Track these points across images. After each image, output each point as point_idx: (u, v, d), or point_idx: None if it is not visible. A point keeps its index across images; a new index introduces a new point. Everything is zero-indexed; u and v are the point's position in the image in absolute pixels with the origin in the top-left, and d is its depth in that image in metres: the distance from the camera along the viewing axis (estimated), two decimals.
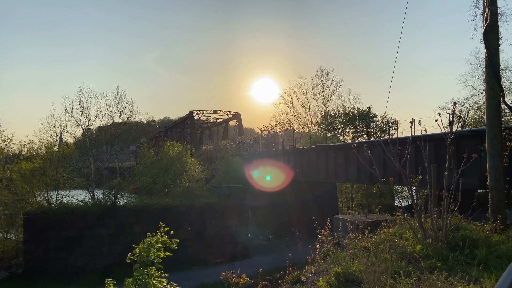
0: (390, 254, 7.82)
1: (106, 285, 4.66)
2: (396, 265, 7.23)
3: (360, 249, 8.62)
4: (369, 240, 9.45)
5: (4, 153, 31.84)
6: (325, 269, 8.00)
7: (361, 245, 8.85)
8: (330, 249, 9.31)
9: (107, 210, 25.12)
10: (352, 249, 8.76)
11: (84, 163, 36.27)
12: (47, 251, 23.19)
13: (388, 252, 8.00)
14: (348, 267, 7.41)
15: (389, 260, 7.46)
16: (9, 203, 27.19)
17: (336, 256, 8.56)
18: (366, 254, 8.12)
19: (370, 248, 8.56)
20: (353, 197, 44.95)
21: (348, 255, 8.34)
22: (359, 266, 7.37)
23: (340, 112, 50.32)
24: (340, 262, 7.96)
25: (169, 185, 31.69)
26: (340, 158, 27.23)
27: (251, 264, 23.14)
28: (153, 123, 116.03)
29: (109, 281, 4.75)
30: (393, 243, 8.66)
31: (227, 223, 27.40)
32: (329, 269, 7.66)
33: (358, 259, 7.86)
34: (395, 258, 7.58)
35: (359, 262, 7.64)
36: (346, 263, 7.73)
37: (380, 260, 7.51)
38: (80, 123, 36.37)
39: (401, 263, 7.33)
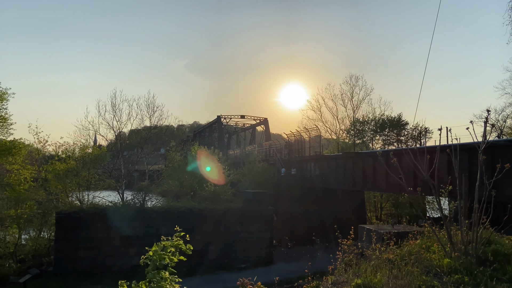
0: (415, 267, 7.52)
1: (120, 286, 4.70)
2: (421, 279, 6.94)
3: (383, 261, 8.34)
4: (394, 251, 9.15)
5: (40, 153, 33.27)
6: (345, 280, 7.80)
7: (385, 256, 8.57)
8: (353, 259, 9.06)
9: (135, 211, 25.67)
10: (375, 260, 8.49)
11: (115, 165, 37.26)
12: (77, 250, 23.90)
13: (413, 265, 7.70)
14: (370, 279, 7.18)
15: (414, 274, 7.17)
16: (43, 202, 28.32)
17: (358, 267, 8.32)
18: (390, 266, 7.85)
19: (395, 260, 8.27)
20: (382, 206, 43.85)
21: (370, 267, 8.09)
22: (381, 279, 7.12)
23: (369, 119, 49.35)
24: (362, 273, 7.73)
25: (195, 188, 32.05)
26: (368, 166, 26.64)
27: (275, 270, 22.97)
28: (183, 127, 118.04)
29: (123, 282, 4.79)
30: (419, 256, 8.33)
31: (251, 228, 27.34)
32: (350, 280, 7.46)
33: (381, 271, 7.60)
34: (420, 272, 7.29)
35: (381, 274, 7.39)
36: (368, 274, 7.49)
37: (404, 273, 7.23)
38: (112, 126, 37.44)
39: (426, 277, 7.03)
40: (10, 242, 26.39)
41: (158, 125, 43.87)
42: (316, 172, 34.01)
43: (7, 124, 24.52)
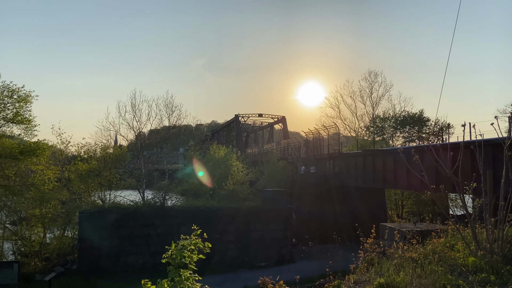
0: (439, 266, 7.37)
1: (143, 285, 4.77)
2: (445, 278, 6.79)
3: (406, 260, 8.21)
4: (417, 250, 8.98)
5: (63, 154, 34.05)
6: (367, 279, 7.70)
7: (408, 255, 8.43)
8: (374, 258, 8.95)
9: (156, 210, 26.01)
10: (398, 259, 8.36)
11: (136, 165, 37.83)
12: (100, 249, 24.37)
13: (437, 264, 7.54)
14: (393, 278, 7.07)
15: (438, 273, 7.02)
16: (67, 202, 28.99)
17: (380, 266, 8.21)
18: (413, 265, 7.71)
19: (418, 259, 8.13)
20: (403, 204, 43.16)
21: (393, 266, 7.97)
22: (405, 278, 7.01)
23: (389, 115, 48.58)
24: (384, 272, 7.62)
25: (214, 187, 32.25)
26: (389, 163, 26.26)
27: (295, 269, 22.89)
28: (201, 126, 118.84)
29: (147, 281, 4.86)
30: (443, 255, 8.16)
31: (271, 227, 27.34)
32: (372, 279, 7.37)
33: (404, 270, 7.48)
34: (445, 271, 7.13)
35: (404, 273, 7.27)
36: (391, 273, 7.38)
37: (427, 272, 7.09)
38: (132, 127, 38.04)
39: (451, 276, 6.88)
40: (35, 241, 27.10)
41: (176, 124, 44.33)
42: (335, 170, 33.73)
43: (31, 126, 25.16)
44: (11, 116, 23.83)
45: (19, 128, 24.94)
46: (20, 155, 23.85)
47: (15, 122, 24.29)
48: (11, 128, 24.90)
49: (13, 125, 24.63)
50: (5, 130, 24.81)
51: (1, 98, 23.43)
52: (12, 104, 23.64)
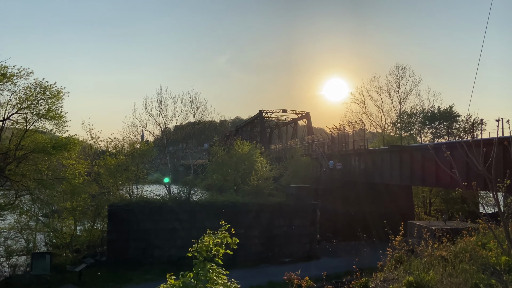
0: (470, 265, 7.18)
1: (168, 279, 4.87)
2: (477, 277, 6.62)
3: (436, 258, 8.04)
4: (447, 248, 8.78)
5: (93, 149, 35.02)
6: (396, 277, 7.58)
7: (438, 253, 8.25)
8: (403, 256, 8.80)
9: (181, 204, 26.39)
10: (428, 258, 8.19)
11: (162, 160, 38.50)
12: (127, 241, 24.97)
13: (468, 263, 7.35)
14: (422, 276, 6.94)
15: (469, 272, 6.85)
16: (96, 196, 29.80)
17: (409, 264, 8.08)
18: (443, 263, 7.55)
19: (448, 257, 7.94)
20: (431, 202, 42.13)
21: (422, 264, 7.82)
22: (435, 276, 6.86)
23: (417, 111, 47.38)
24: (413, 270, 7.49)
25: (238, 182, 32.42)
26: (417, 160, 25.68)
27: (319, 265, 22.81)
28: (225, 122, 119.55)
29: (171, 275, 4.96)
30: (475, 253, 7.94)
31: (295, 223, 27.28)
32: (401, 278, 7.25)
33: (433, 269, 7.33)
34: (476, 270, 6.95)
35: (434, 272, 7.12)
36: (420, 272, 7.25)
37: (458, 271, 6.93)
38: (158, 122, 38.70)
39: (483, 276, 6.69)
40: (66, 233, 27.97)
41: (201, 120, 44.82)
42: (361, 166, 33.26)
43: (62, 122, 25.89)
44: (44, 112, 24.60)
45: (51, 123, 25.74)
46: (52, 149, 24.63)
47: (47, 118, 25.05)
48: (44, 123, 25.71)
49: (46, 120, 25.41)
50: (38, 125, 25.65)
51: (34, 94, 24.20)
52: (44, 100, 24.40)
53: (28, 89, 23.97)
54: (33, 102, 24.15)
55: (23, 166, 24.89)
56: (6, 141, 25.68)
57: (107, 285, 21.22)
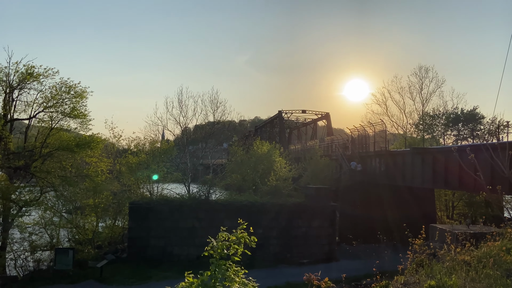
0: (494, 270, 7.00)
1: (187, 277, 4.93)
2: (501, 283, 6.45)
3: (459, 263, 7.86)
4: (470, 253, 8.57)
5: (115, 147, 35.73)
6: (417, 281, 7.46)
7: (461, 258, 8.07)
8: (424, 259, 8.64)
9: (201, 204, 26.60)
10: (450, 262, 8.02)
11: (182, 159, 38.93)
12: (148, 239, 25.34)
13: (491, 268, 7.17)
14: (444, 281, 6.80)
15: (493, 277, 6.68)
16: (118, 193, 30.37)
17: (430, 268, 7.93)
18: (466, 268, 7.38)
19: (471, 262, 7.76)
20: (453, 206, 41.18)
21: (444, 268, 7.66)
22: (457, 281, 6.72)
23: (440, 112, 46.36)
24: (435, 275, 7.35)
25: (257, 182, 32.47)
26: (439, 162, 25.16)
27: (338, 267, 22.58)
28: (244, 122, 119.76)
29: (189, 273, 5.02)
30: (499, 258, 7.73)
31: (313, 224, 27.12)
32: (422, 282, 7.13)
33: (456, 273, 7.18)
34: (500, 275, 6.77)
35: (457, 276, 6.97)
36: (442, 276, 7.11)
37: (482, 276, 6.77)
38: (179, 122, 39.15)
39: (507, 281, 6.51)
40: (89, 229, 28.58)
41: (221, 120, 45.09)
42: (381, 168, 32.81)
43: (86, 120, 26.46)
44: (68, 110, 25.21)
45: (75, 122, 26.35)
46: (76, 147, 25.21)
47: (72, 117, 25.66)
48: (68, 122, 26.34)
49: (70, 119, 26.03)
50: (63, 124, 26.30)
51: (59, 93, 24.83)
52: (69, 99, 25.01)
53: (53, 88, 24.62)
54: (58, 101, 24.77)
55: (48, 163, 25.55)
56: (32, 139, 26.45)
57: (128, 281, 21.58)
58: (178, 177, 35.23)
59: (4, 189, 22.66)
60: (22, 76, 23.55)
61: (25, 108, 25.06)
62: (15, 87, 23.93)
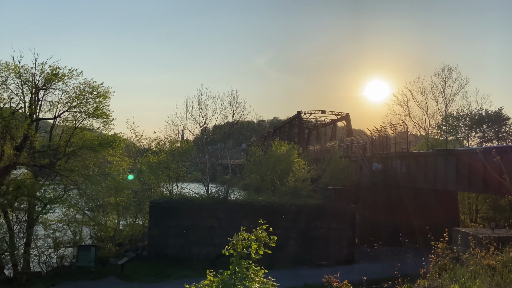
0: None
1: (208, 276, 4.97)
2: None
3: (483, 267, 7.65)
4: (495, 257, 8.33)
5: (136, 147, 36.33)
6: (440, 285, 7.30)
7: (485, 262, 7.85)
8: (447, 263, 8.45)
9: (220, 203, 26.72)
10: (473, 266, 7.82)
11: (201, 159, 39.27)
12: (167, 237, 25.62)
13: None
14: (468, 285, 6.65)
15: None
16: (138, 192, 30.83)
17: (453, 272, 7.75)
18: (490, 273, 7.18)
19: (496, 266, 7.54)
20: (477, 209, 40.14)
21: (468, 272, 7.48)
22: (481, 286, 6.55)
23: (464, 113, 45.31)
24: (459, 279, 7.18)
25: (276, 183, 32.42)
26: (463, 165, 24.56)
27: (357, 270, 22.28)
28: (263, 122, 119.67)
29: (210, 272, 5.06)
30: None
31: (332, 226, 26.85)
32: (445, 286, 6.97)
33: (480, 278, 6.99)
34: None
35: (481, 281, 6.79)
36: (466, 280, 6.94)
37: (507, 281, 6.57)
38: (198, 122, 39.58)
39: None
40: (110, 227, 29.11)
41: (240, 120, 45.31)
42: (403, 170, 32.28)
43: (108, 120, 26.91)
44: (92, 110, 25.70)
45: (98, 122, 26.84)
46: (98, 147, 25.69)
47: (95, 116, 26.16)
48: (91, 121, 26.83)
49: (93, 119, 26.53)
50: (86, 123, 26.81)
51: (83, 94, 25.35)
52: (92, 99, 25.50)
53: (77, 88, 25.12)
54: (82, 101, 25.28)
55: (72, 162, 26.13)
56: (57, 138, 27.10)
57: (148, 279, 21.87)
58: (197, 177, 35.56)
59: (30, 186, 23.27)
60: (47, 77, 24.12)
61: (50, 108, 25.66)
62: (40, 87, 24.53)
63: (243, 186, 37.42)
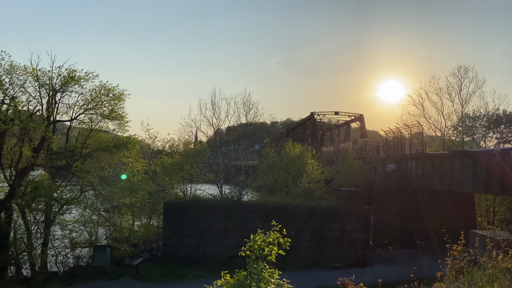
0: None
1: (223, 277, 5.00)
2: None
3: (501, 270, 7.51)
4: None
5: (151, 148, 36.70)
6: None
7: (503, 265, 7.70)
8: (464, 266, 8.31)
9: (233, 204, 26.80)
10: (492, 269, 7.68)
11: (214, 160, 39.43)
12: (182, 238, 25.80)
13: None
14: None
15: None
16: (153, 193, 31.12)
17: (471, 276, 7.62)
18: (509, 276, 7.04)
19: None
20: (494, 211, 39.37)
21: (486, 276, 7.34)
22: None
23: (481, 114, 44.52)
24: (476, 282, 7.06)
25: (289, 184, 32.33)
26: (480, 166, 24.12)
27: (372, 272, 22.07)
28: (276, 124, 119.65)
29: (225, 272, 5.09)
30: None
31: (346, 228, 26.65)
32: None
33: (498, 281, 6.86)
34: None
35: (499, 284, 6.66)
36: (484, 284, 6.82)
37: None
38: (212, 123, 39.78)
39: None
40: (125, 227, 29.42)
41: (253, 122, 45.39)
42: (418, 171, 31.87)
43: (123, 122, 27.22)
44: (107, 112, 26.04)
45: (114, 123, 27.17)
46: (114, 148, 26.03)
47: (110, 118, 26.50)
48: (107, 123, 27.18)
49: (108, 121, 26.86)
50: (102, 125, 27.19)
51: (98, 96, 25.71)
52: (108, 102, 25.82)
53: (93, 91, 25.49)
54: (98, 103, 25.64)
55: (88, 163, 26.53)
56: (73, 140, 27.56)
57: (163, 279, 22.05)
58: (211, 178, 35.70)
59: (47, 187, 23.71)
60: (64, 80, 24.54)
61: (66, 110, 26.10)
62: (57, 90, 24.97)
63: (256, 188, 37.43)
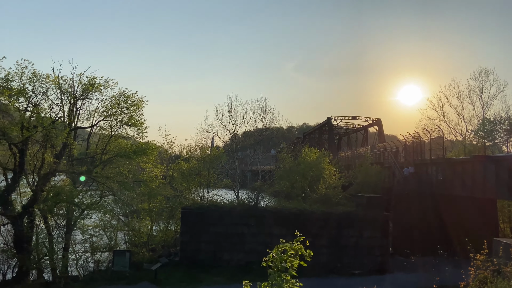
0: None
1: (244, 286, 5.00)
2: None
3: None
4: None
5: (168, 154, 37.11)
6: None
7: None
8: (488, 276, 8.10)
9: (250, 210, 26.80)
10: None
11: (231, 165, 39.54)
12: (199, 244, 25.92)
13: None
14: None
15: None
16: (171, 198, 31.42)
17: (495, 286, 7.42)
18: None
19: None
20: None
21: (510, 286, 7.14)
22: None
23: (503, 118, 43.41)
24: None
25: (306, 190, 32.16)
26: (503, 171, 23.53)
27: (392, 280, 21.75)
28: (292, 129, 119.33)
29: (247, 282, 5.09)
30: None
31: (365, 234, 26.31)
32: None
33: None
34: None
35: None
36: None
37: None
38: (228, 129, 39.91)
39: None
40: (144, 232, 29.77)
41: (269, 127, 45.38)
42: (438, 176, 31.26)
43: (142, 128, 27.65)
44: (126, 119, 26.48)
45: (133, 130, 27.62)
46: (133, 154, 26.43)
47: (129, 125, 26.94)
48: (126, 130, 27.68)
49: (128, 127, 27.31)
50: (121, 131, 27.70)
51: (118, 103, 26.17)
52: (127, 108, 26.27)
53: (113, 98, 25.94)
54: (117, 110, 26.09)
55: (108, 169, 26.99)
56: (93, 146, 28.11)
57: (180, 285, 22.17)
58: (228, 183, 35.82)
59: (68, 193, 24.19)
60: (85, 87, 25.08)
61: (87, 117, 26.63)
62: (79, 97, 25.53)
63: (273, 193, 37.34)
